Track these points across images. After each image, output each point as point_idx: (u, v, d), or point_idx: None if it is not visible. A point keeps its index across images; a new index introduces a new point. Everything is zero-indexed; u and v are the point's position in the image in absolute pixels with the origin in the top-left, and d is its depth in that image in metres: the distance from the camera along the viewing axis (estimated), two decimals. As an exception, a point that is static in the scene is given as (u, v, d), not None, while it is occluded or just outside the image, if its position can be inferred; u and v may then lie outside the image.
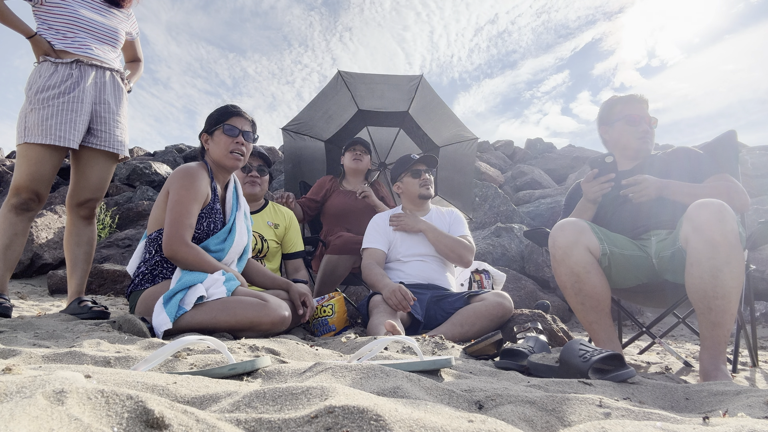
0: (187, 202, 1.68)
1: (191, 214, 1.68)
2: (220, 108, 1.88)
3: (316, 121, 3.58)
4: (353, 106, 3.54)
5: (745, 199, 1.59)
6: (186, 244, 1.63)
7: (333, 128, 3.64)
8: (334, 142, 3.70)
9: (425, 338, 1.53)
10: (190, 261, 1.63)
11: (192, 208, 1.68)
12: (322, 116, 3.57)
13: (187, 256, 1.63)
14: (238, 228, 1.86)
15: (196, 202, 1.70)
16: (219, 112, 1.86)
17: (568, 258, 1.56)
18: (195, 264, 1.64)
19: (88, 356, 0.97)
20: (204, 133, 1.87)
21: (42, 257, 4.12)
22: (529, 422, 0.68)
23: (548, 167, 8.96)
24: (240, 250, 1.87)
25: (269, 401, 0.63)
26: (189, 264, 1.63)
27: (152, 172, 7.28)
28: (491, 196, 5.70)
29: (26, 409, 0.42)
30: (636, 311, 3.67)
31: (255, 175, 2.38)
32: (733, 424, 0.61)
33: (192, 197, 1.69)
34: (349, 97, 3.50)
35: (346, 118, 3.61)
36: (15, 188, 1.84)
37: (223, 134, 1.81)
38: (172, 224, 1.64)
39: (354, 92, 3.48)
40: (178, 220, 1.65)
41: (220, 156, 1.82)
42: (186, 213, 1.66)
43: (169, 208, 1.67)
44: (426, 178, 2.41)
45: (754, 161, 6.01)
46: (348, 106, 3.55)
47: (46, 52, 1.89)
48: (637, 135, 1.83)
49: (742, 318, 1.70)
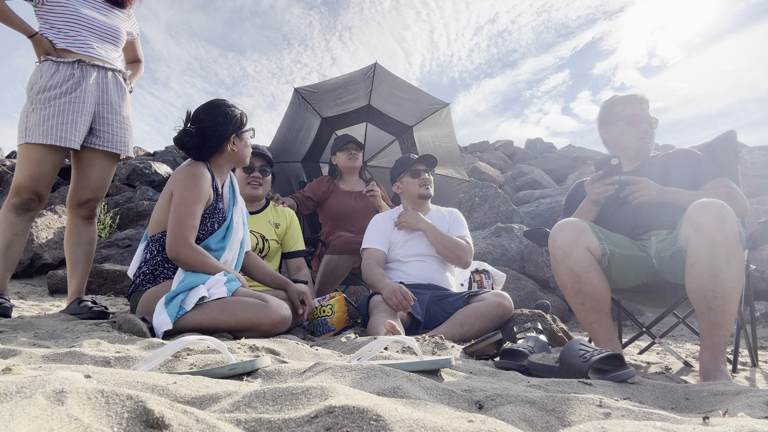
0: (191, 203, 1.67)
1: (195, 215, 1.68)
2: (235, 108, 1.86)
3: (328, 97, 3.51)
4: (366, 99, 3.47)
5: (744, 206, 1.59)
6: (189, 246, 1.63)
7: (337, 110, 3.58)
8: (330, 123, 3.65)
9: (425, 338, 1.53)
10: (193, 263, 1.63)
11: (195, 209, 1.68)
12: (335, 96, 3.49)
13: (190, 257, 1.63)
14: (236, 224, 1.86)
15: (199, 203, 1.70)
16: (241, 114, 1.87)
17: (568, 258, 1.56)
18: (198, 265, 1.64)
19: (88, 356, 0.97)
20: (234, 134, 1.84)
21: (42, 257, 4.12)
22: (529, 422, 0.68)
23: (548, 167, 8.96)
24: (238, 245, 1.87)
25: (269, 401, 0.63)
26: (192, 265, 1.63)
27: (152, 172, 7.28)
28: (491, 196, 5.70)
29: (26, 409, 0.42)
30: (636, 311, 3.66)
31: (257, 176, 2.38)
32: (733, 424, 0.61)
33: (195, 198, 1.69)
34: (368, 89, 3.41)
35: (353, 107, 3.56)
36: (16, 188, 1.84)
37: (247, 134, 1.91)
38: (176, 225, 1.64)
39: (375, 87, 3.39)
40: (182, 221, 1.65)
41: (244, 156, 1.90)
42: (189, 214, 1.66)
43: (173, 209, 1.67)
44: (425, 178, 2.41)
45: (754, 161, 6.01)
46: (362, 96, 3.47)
47: (48, 52, 1.89)
48: (638, 135, 1.83)
49: (742, 318, 1.70)
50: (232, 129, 1.83)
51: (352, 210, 2.87)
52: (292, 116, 3.55)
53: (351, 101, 3.52)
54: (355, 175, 3.03)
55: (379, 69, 3.31)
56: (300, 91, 3.46)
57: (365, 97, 3.47)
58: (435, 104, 3.56)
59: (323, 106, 3.55)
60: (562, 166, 8.89)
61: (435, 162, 2.47)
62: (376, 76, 3.33)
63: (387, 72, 3.35)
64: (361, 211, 2.85)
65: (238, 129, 1.85)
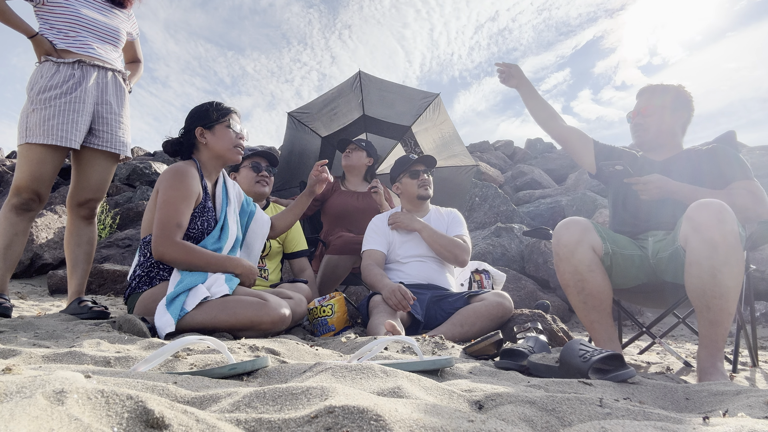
0: (175, 201, 1.66)
1: (180, 213, 1.66)
2: (216, 104, 1.88)
3: (321, 115, 3.54)
4: (360, 109, 3.51)
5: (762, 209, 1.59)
6: (172, 243, 1.61)
7: (334, 126, 3.62)
8: (331, 140, 3.68)
9: (425, 338, 1.53)
10: (180, 259, 1.61)
11: (181, 207, 1.66)
12: (328, 112, 3.52)
13: (175, 254, 1.61)
14: (230, 223, 1.86)
15: (185, 201, 1.68)
16: (218, 108, 1.86)
17: (572, 256, 1.56)
18: (185, 260, 1.62)
19: (88, 356, 0.97)
20: (199, 127, 1.84)
21: (42, 257, 4.12)
22: (529, 422, 0.68)
23: (548, 167, 8.96)
24: (231, 245, 1.87)
25: (269, 401, 0.63)
26: (180, 262, 1.62)
27: (152, 172, 7.29)
28: (491, 196, 5.70)
29: (26, 409, 0.42)
30: (636, 311, 3.66)
31: (265, 175, 2.41)
32: (733, 424, 0.61)
33: (181, 196, 1.67)
34: (359, 100, 3.46)
35: (349, 120, 3.59)
36: (16, 188, 1.84)
37: (228, 129, 1.84)
38: (159, 225, 1.63)
39: (365, 96, 3.44)
40: (165, 221, 1.63)
41: (223, 150, 1.84)
42: (173, 213, 1.65)
43: (158, 208, 1.66)
44: (424, 179, 2.41)
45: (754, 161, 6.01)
46: (355, 108, 3.52)
47: (48, 52, 1.89)
48: (632, 129, 1.87)
49: (742, 318, 1.70)
50: (199, 121, 1.84)
51: (353, 210, 2.87)
52: (291, 140, 3.60)
53: (345, 114, 3.55)
54: (357, 175, 3.04)
55: (364, 76, 3.36)
56: (294, 115, 3.52)
57: (358, 108, 3.50)
58: (426, 98, 3.56)
59: (320, 126, 3.59)
60: (562, 166, 8.89)
61: (434, 162, 2.47)
62: (363, 83, 3.38)
63: (372, 77, 3.40)
64: (362, 212, 2.85)
65: (206, 121, 1.84)
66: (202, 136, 1.83)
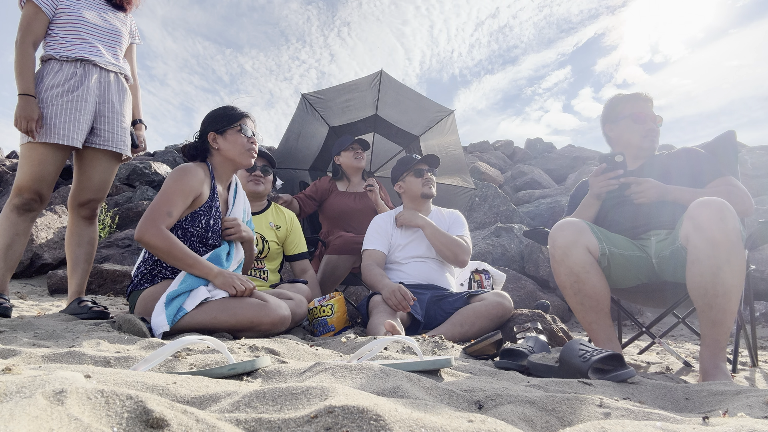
0: (171, 192, 1.67)
1: (172, 203, 1.66)
2: (229, 108, 1.89)
3: (335, 104, 3.51)
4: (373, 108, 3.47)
5: (747, 204, 1.59)
6: (156, 228, 1.59)
7: (345, 119, 3.57)
8: (338, 132, 3.65)
9: (425, 338, 1.53)
10: (160, 245, 1.58)
11: (174, 198, 1.67)
12: (341, 103, 3.48)
13: (156, 240, 1.58)
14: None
15: (181, 195, 1.68)
16: (230, 113, 1.87)
17: (567, 258, 1.56)
18: (164, 248, 1.58)
19: (87, 356, 0.97)
20: (212, 132, 1.86)
21: (42, 257, 4.12)
22: (529, 422, 0.68)
23: (548, 167, 8.96)
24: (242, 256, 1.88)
25: (269, 401, 0.63)
26: (158, 249, 1.59)
27: (152, 172, 7.28)
28: (491, 196, 5.70)
29: (26, 409, 0.42)
30: (636, 311, 3.66)
31: (259, 174, 2.40)
32: (733, 424, 0.61)
33: (178, 188, 1.68)
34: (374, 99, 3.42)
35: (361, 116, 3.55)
36: (17, 188, 1.84)
37: (239, 133, 1.85)
38: (149, 209, 1.64)
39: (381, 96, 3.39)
40: (156, 206, 1.64)
41: (235, 154, 1.85)
42: (166, 201, 1.65)
43: (155, 197, 1.68)
44: (428, 177, 2.41)
45: (754, 161, 6.01)
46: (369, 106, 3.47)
47: (28, 132, 1.80)
48: (642, 133, 1.84)
49: (742, 318, 1.70)
50: (211, 126, 1.86)
51: (351, 210, 2.87)
52: (299, 122, 3.55)
53: (358, 110, 3.51)
54: (358, 175, 3.04)
55: (385, 77, 3.32)
56: (307, 98, 3.46)
57: (372, 106, 3.47)
58: (440, 112, 3.55)
59: (330, 115, 3.55)
60: (562, 166, 8.90)
61: (438, 162, 2.47)
62: (383, 84, 3.33)
63: (393, 79, 3.36)
64: (360, 212, 2.85)
65: (218, 126, 1.85)
66: (215, 140, 1.85)
